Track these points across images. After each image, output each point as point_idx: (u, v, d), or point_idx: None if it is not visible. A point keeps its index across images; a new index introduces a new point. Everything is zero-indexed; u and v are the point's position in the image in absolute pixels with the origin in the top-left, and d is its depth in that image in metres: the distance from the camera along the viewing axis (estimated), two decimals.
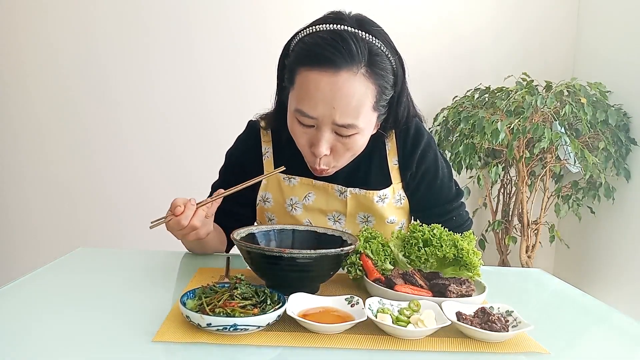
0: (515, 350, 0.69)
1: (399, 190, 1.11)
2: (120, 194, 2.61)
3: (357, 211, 1.10)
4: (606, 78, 2.32)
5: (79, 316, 0.75)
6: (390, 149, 1.10)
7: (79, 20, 2.51)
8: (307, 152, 0.99)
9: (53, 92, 2.55)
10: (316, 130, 0.94)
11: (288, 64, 0.96)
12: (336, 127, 0.92)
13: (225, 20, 2.54)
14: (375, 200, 1.08)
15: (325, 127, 0.92)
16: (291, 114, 0.96)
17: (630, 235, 2.26)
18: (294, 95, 0.94)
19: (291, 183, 1.10)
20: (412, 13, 2.60)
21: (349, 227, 1.11)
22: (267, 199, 1.12)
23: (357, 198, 1.09)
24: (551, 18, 2.65)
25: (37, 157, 2.59)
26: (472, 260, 0.88)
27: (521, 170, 2.28)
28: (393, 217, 1.11)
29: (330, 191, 1.09)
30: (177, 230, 0.92)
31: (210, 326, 0.66)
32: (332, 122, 0.91)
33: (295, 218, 1.10)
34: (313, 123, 0.93)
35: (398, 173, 1.10)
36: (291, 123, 0.98)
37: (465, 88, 2.51)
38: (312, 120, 0.92)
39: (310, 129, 0.95)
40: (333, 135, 0.94)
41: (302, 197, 1.09)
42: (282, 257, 0.77)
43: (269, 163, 1.12)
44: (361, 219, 1.10)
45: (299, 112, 0.93)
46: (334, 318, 0.73)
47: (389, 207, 1.10)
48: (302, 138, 0.97)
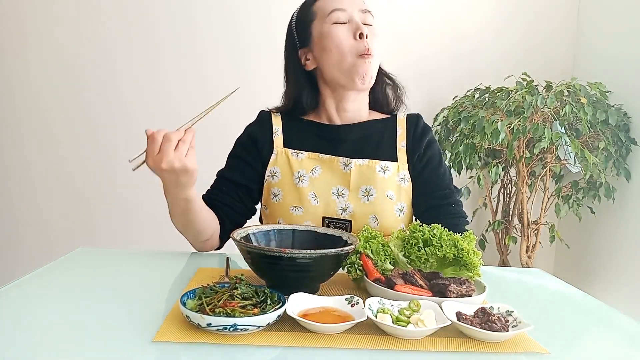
0: (515, 350, 0.69)
1: (404, 170, 1.17)
2: (121, 194, 2.61)
3: (359, 184, 1.14)
4: (606, 78, 2.32)
5: (79, 316, 0.75)
6: (400, 134, 1.20)
7: (86, 19, 2.51)
8: (352, 43, 1.12)
9: (57, 90, 2.55)
10: (350, 23, 1.13)
11: (303, 12, 1.17)
12: (361, 15, 1.13)
13: (231, 20, 2.54)
14: (377, 169, 1.15)
15: (355, 15, 1.13)
16: (327, 25, 1.13)
17: (630, 235, 2.26)
18: (322, 11, 1.14)
19: (299, 158, 1.17)
20: (412, 13, 2.60)
21: (351, 201, 1.14)
22: (275, 173, 1.17)
23: (361, 169, 1.14)
24: (551, 18, 2.65)
25: (38, 157, 2.60)
26: (472, 260, 0.88)
27: (521, 170, 2.28)
28: (392, 192, 1.14)
29: (335, 165, 1.16)
30: (162, 156, 0.90)
31: (210, 326, 0.66)
32: (358, 10, 1.13)
33: (300, 191, 1.14)
34: (345, 18, 1.12)
35: (405, 155, 1.19)
36: (329, 32, 1.13)
37: (465, 88, 2.51)
38: (344, 13, 1.12)
39: (345, 25, 1.13)
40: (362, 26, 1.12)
41: (309, 171, 1.16)
42: (282, 257, 0.77)
43: (279, 139, 1.19)
44: (363, 193, 1.14)
45: (334, 10, 1.12)
46: (334, 318, 0.73)
47: (390, 180, 1.15)
48: (343, 34, 1.12)
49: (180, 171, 0.92)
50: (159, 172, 0.93)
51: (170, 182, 0.96)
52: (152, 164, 0.91)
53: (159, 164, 0.90)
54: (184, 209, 1.03)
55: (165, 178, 0.95)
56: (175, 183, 0.96)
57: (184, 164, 0.92)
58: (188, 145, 0.93)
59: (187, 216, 1.05)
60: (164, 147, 0.90)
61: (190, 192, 0.99)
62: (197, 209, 1.04)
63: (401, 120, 1.22)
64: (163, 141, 0.91)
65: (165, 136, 0.91)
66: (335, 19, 1.12)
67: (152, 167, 0.92)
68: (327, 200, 1.14)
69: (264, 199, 1.20)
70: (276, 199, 1.16)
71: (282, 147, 1.18)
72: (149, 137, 0.92)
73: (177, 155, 0.91)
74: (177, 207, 1.03)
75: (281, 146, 1.18)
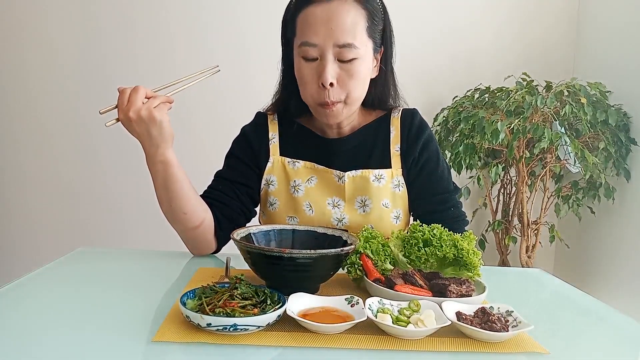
0: (515, 350, 0.69)
1: (398, 176, 1.14)
2: (121, 194, 2.61)
3: (355, 195, 1.12)
4: (606, 78, 2.32)
5: (79, 316, 0.75)
6: (394, 136, 1.15)
7: (81, 17, 2.51)
8: (315, 89, 1.03)
9: (54, 91, 2.55)
10: (320, 61, 1.01)
11: (289, 17, 1.06)
12: (337, 50, 1.00)
13: (232, 19, 2.54)
14: (371, 179, 1.12)
15: (328, 54, 1.00)
16: (297, 56, 1.04)
17: (630, 235, 2.25)
18: (297, 37, 1.04)
19: (295, 167, 1.15)
20: (412, 13, 2.60)
21: (347, 212, 1.12)
22: (272, 181, 1.16)
23: (355, 181, 1.12)
24: (551, 18, 2.65)
25: (37, 157, 2.60)
26: (472, 260, 0.88)
27: (521, 170, 2.28)
28: (387, 200, 1.12)
29: (330, 176, 1.13)
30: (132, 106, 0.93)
31: (210, 326, 0.66)
32: (333, 45, 0.99)
33: (296, 200, 1.13)
34: (316, 54, 1.01)
35: (399, 160, 1.15)
36: (298, 65, 1.05)
37: (465, 88, 2.51)
38: (315, 49, 1.00)
39: (314, 63, 1.02)
40: (336, 64, 1.01)
41: (304, 180, 1.14)
42: (282, 257, 0.77)
43: (275, 147, 1.17)
44: (359, 204, 1.12)
45: (303, 44, 1.01)
46: (334, 318, 0.73)
47: (385, 188, 1.12)
48: (308, 75, 1.03)
49: (149, 120, 0.93)
50: (128, 123, 0.94)
51: (144, 138, 0.96)
52: (121, 115, 0.94)
53: (128, 113, 0.93)
54: (164, 177, 1.00)
55: (137, 132, 0.96)
56: (148, 138, 0.96)
57: (151, 112, 0.93)
58: (159, 101, 0.96)
59: (169, 187, 1.01)
60: (132, 97, 0.93)
61: (167, 153, 0.99)
62: (178, 177, 1.00)
63: (395, 119, 1.16)
64: (131, 92, 0.94)
65: (134, 88, 0.94)
66: (304, 52, 1.02)
67: (122, 120, 0.94)
68: (322, 211, 1.12)
69: (262, 205, 1.20)
70: (272, 208, 1.15)
71: (279, 156, 1.16)
72: (120, 90, 0.94)
73: (145, 105, 0.94)
74: (157, 176, 1.01)
75: (277, 154, 1.16)
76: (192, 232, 1.08)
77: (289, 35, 1.08)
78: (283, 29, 1.11)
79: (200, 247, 1.11)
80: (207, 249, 1.12)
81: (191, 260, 1.09)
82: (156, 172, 1.00)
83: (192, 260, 1.09)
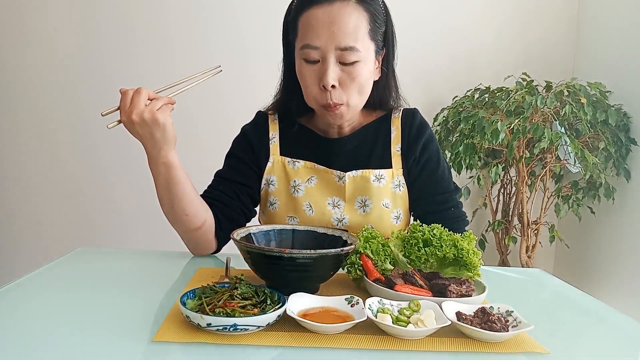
0: (515, 350, 0.69)
1: (399, 176, 1.14)
2: (121, 194, 2.61)
3: (355, 195, 1.12)
4: (606, 78, 2.32)
5: (79, 316, 0.75)
6: (395, 136, 1.15)
7: (81, 17, 2.51)
8: (317, 91, 1.03)
9: (54, 91, 2.55)
10: (322, 63, 1.01)
11: (291, 19, 1.06)
12: (339, 53, 0.99)
13: (232, 20, 2.54)
14: (372, 179, 1.12)
15: (329, 56, 1.00)
16: (298, 59, 1.04)
17: (630, 235, 2.25)
18: (298, 39, 1.03)
19: (295, 166, 1.15)
20: (412, 13, 2.60)
21: (347, 212, 1.12)
22: (272, 181, 1.16)
23: (355, 181, 1.12)
24: (551, 18, 2.65)
25: (38, 157, 2.60)
26: (472, 260, 0.88)
27: (521, 170, 2.28)
28: (387, 200, 1.12)
29: (330, 176, 1.13)
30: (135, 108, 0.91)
31: (210, 326, 0.66)
32: (335, 48, 0.99)
33: (296, 200, 1.13)
34: (318, 56, 1.01)
35: (400, 159, 1.15)
36: (299, 67, 1.05)
37: (465, 88, 2.51)
38: (316, 51, 1.00)
39: (316, 65, 1.02)
40: (338, 67, 1.01)
41: (304, 180, 1.14)
42: (282, 257, 0.77)
43: (275, 147, 1.17)
44: (359, 204, 1.12)
45: (305, 46, 1.01)
46: (334, 318, 0.73)
47: (385, 188, 1.12)
48: (310, 77, 1.03)
49: (152, 123, 0.92)
50: (131, 126, 0.93)
51: (146, 140, 0.95)
52: (124, 117, 0.93)
53: (130, 115, 0.91)
54: (166, 179, 0.99)
55: (139, 134, 0.94)
56: (150, 140, 0.95)
57: (154, 115, 0.92)
58: (162, 102, 0.94)
59: (171, 189, 1.00)
60: (134, 99, 0.92)
61: (170, 155, 0.98)
62: (180, 179, 1.00)
63: (396, 119, 1.16)
64: (134, 94, 0.92)
65: (137, 90, 0.93)
66: (305, 55, 1.02)
67: (125, 122, 0.93)
68: (322, 211, 1.12)
69: (262, 205, 1.20)
70: (272, 208, 1.15)
71: (279, 156, 1.16)
72: (122, 92, 0.93)
73: (148, 108, 0.92)
74: (159, 177, 1.00)
75: (277, 154, 1.16)
76: (193, 233, 1.08)
77: (290, 36, 1.08)
78: (284, 30, 1.11)
79: (200, 247, 1.11)
80: (207, 249, 1.12)
81: (191, 260, 1.08)
82: (158, 173, 1.00)
83: (192, 260, 1.09)
